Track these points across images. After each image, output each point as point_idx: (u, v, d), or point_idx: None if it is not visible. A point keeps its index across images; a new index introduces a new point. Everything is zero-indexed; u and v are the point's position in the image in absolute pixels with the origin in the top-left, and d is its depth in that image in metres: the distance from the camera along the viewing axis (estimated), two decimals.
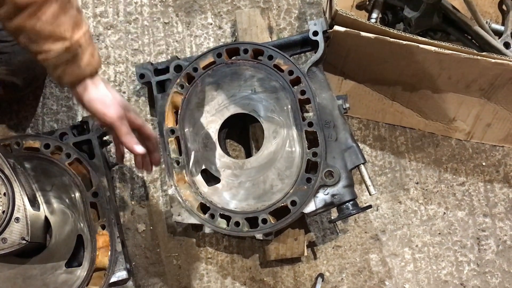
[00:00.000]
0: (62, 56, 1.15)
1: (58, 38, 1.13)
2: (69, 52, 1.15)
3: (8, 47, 1.50)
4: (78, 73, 1.19)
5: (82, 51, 1.17)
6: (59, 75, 1.19)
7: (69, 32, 1.13)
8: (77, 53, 1.16)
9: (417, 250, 1.66)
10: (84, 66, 1.18)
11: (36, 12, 1.09)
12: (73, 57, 1.16)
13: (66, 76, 1.19)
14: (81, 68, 1.18)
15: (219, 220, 1.46)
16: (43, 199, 1.47)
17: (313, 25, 1.51)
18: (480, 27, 1.60)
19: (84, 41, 1.17)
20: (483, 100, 1.64)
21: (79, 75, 1.19)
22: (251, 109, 1.52)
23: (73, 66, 1.17)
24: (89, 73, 1.20)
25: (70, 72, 1.18)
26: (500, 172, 1.73)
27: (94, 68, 1.21)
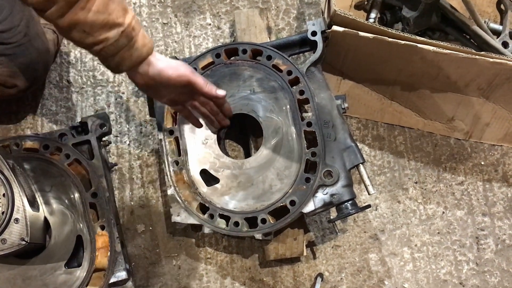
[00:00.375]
0: (119, 42, 1.17)
1: (112, 25, 1.14)
2: (125, 37, 1.17)
3: (9, 49, 1.51)
4: (137, 55, 1.21)
5: (136, 33, 1.19)
6: (117, 62, 1.21)
7: (121, 18, 1.15)
8: (132, 36, 1.18)
9: (416, 250, 1.66)
10: (140, 47, 1.21)
11: (86, 4, 1.10)
12: (129, 41, 1.18)
13: (125, 61, 1.21)
14: (139, 50, 1.21)
15: (218, 220, 1.46)
16: (42, 200, 1.47)
17: (311, 25, 1.51)
18: (479, 26, 1.60)
19: (135, 24, 1.19)
20: (482, 100, 1.64)
21: (138, 57, 1.22)
22: (250, 109, 1.52)
23: (131, 50, 1.20)
24: (146, 54, 1.23)
25: (128, 56, 1.20)
26: (499, 171, 1.73)
27: (149, 48, 1.24)
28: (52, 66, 1.78)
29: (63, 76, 1.79)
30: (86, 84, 1.78)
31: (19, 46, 1.52)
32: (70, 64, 1.80)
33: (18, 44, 1.51)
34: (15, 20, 1.49)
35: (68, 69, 1.80)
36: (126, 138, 1.74)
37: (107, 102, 1.76)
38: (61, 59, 1.80)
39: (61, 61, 1.80)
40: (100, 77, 1.78)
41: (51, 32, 1.69)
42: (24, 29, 1.51)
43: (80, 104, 1.76)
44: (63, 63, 1.80)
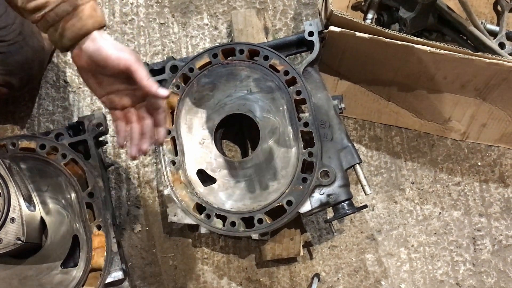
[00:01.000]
0: (60, 7, 1.08)
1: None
2: (68, 3, 1.08)
3: (4, 47, 1.51)
4: (80, 25, 1.11)
5: (83, 1, 1.10)
6: (60, 33, 1.11)
7: None
8: (77, 4, 1.09)
9: (413, 250, 1.66)
10: (85, 18, 1.10)
11: None
12: (73, 8, 1.09)
13: (67, 32, 1.11)
14: (83, 20, 1.10)
15: (215, 220, 1.46)
16: (38, 200, 1.46)
17: (308, 26, 1.51)
18: (475, 27, 1.61)
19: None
20: (478, 100, 1.64)
21: (81, 28, 1.11)
22: (247, 109, 1.52)
23: (74, 19, 1.10)
24: (91, 26, 1.11)
25: (70, 26, 1.10)
26: (496, 172, 1.73)
27: (97, 21, 1.12)
28: (49, 66, 1.77)
29: (60, 76, 1.79)
30: (83, 84, 1.78)
31: (13, 44, 1.51)
32: (67, 64, 1.80)
33: (12, 42, 1.51)
34: (10, 18, 1.49)
35: (65, 69, 1.79)
36: None
37: None
38: (58, 58, 1.80)
39: (58, 61, 1.80)
40: None
41: None
42: (18, 27, 1.51)
43: (77, 104, 1.76)
44: (60, 62, 1.80)
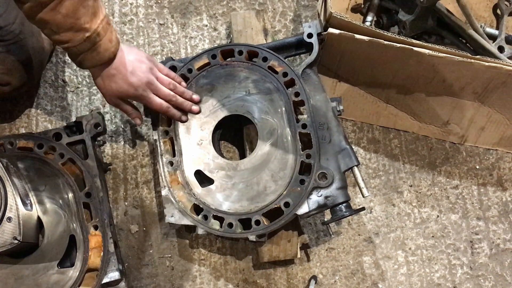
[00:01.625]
0: (83, 45, 1.28)
1: (79, 29, 1.24)
2: (89, 42, 1.27)
3: (3, 46, 1.51)
4: (98, 58, 1.32)
5: (100, 39, 1.29)
6: (80, 61, 1.33)
7: (88, 24, 1.25)
8: (96, 41, 1.28)
9: (410, 253, 1.66)
10: (103, 51, 1.31)
11: (56, 7, 1.19)
12: (92, 45, 1.28)
13: (86, 62, 1.33)
14: (100, 54, 1.31)
15: (212, 221, 1.46)
16: (36, 199, 1.46)
17: (307, 28, 1.51)
18: (474, 30, 1.61)
19: (102, 29, 1.28)
20: (477, 104, 1.64)
21: (99, 61, 1.33)
22: (245, 111, 1.52)
23: (93, 53, 1.30)
24: (107, 58, 1.33)
25: (90, 59, 1.32)
26: (494, 176, 1.73)
27: (111, 52, 1.33)
28: (48, 65, 1.77)
29: (59, 75, 1.79)
30: (81, 84, 1.78)
31: (13, 44, 1.51)
32: (65, 64, 1.80)
33: (12, 41, 1.51)
34: (10, 18, 1.49)
35: (64, 68, 1.79)
36: (121, 138, 1.73)
37: (102, 102, 1.76)
38: (56, 58, 1.80)
39: (56, 60, 1.80)
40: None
41: None
42: (19, 27, 1.51)
43: (75, 103, 1.76)
44: (59, 62, 1.80)
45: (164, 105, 1.46)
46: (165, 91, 1.45)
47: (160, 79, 1.45)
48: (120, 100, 1.46)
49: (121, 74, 1.37)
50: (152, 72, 1.43)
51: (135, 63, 1.39)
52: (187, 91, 1.50)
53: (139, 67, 1.40)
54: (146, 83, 1.41)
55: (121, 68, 1.37)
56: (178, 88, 1.48)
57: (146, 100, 1.44)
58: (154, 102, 1.44)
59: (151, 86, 1.42)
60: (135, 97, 1.43)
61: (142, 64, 1.40)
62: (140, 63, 1.40)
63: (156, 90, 1.44)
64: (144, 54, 1.43)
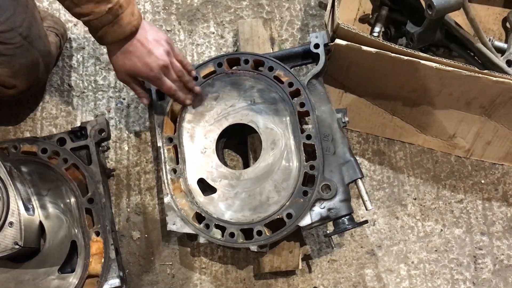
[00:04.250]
0: (105, 17, 1.24)
1: (100, 0, 1.22)
2: (111, 14, 1.24)
3: (10, 49, 1.50)
4: (120, 32, 1.29)
5: (123, 11, 1.25)
6: (101, 35, 1.29)
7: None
8: (118, 13, 1.25)
9: (413, 267, 1.65)
10: (125, 25, 1.28)
11: None
12: (114, 17, 1.25)
13: (108, 36, 1.29)
14: (122, 27, 1.28)
15: (214, 230, 1.45)
16: (38, 204, 1.46)
17: (314, 38, 1.51)
18: (483, 44, 1.60)
19: (124, 1, 1.25)
20: (484, 118, 1.63)
21: (121, 35, 1.29)
22: (250, 120, 1.51)
23: (115, 26, 1.27)
24: (129, 31, 1.30)
25: (112, 32, 1.28)
26: (499, 191, 1.72)
27: (134, 26, 1.30)
28: (54, 69, 1.77)
29: (65, 80, 1.79)
30: (87, 89, 1.78)
31: (20, 47, 1.51)
32: (72, 68, 1.80)
33: (19, 45, 1.51)
34: (17, 21, 1.49)
35: (70, 73, 1.79)
36: (125, 144, 1.73)
37: (108, 108, 1.76)
38: (63, 62, 1.80)
39: (63, 64, 1.80)
40: (102, 82, 1.78)
41: (53, 35, 1.69)
42: (25, 31, 1.51)
43: (80, 108, 1.76)
44: (65, 66, 1.80)
45: (173, 88, 1.45)
46: (174, 78, 1.45)
47: (173, 65, 1.43)
48: (131, 78, 1.44)
49: (138, 52, 1.35)
50: (169, 56, 1.41)
51: (154, 44, 1.37)
52: (191, 81, 1.50)
53: (157, 49, 1.37)
54: (161, 66, 1.38)
55: (139, 46, 1.34)
56: (185, 76, 1.48)
57: (157, 82, 1.42)
58: (164, 85, 1.43)
59: (164, 70, 1.41)
60: (147, 77, 1.41)
61: (160, 46, 1.38)
62: (159, 45, 1.38)
63: (168, 74, 1.43)
64: (164, 36, 1.41)
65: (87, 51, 1.81)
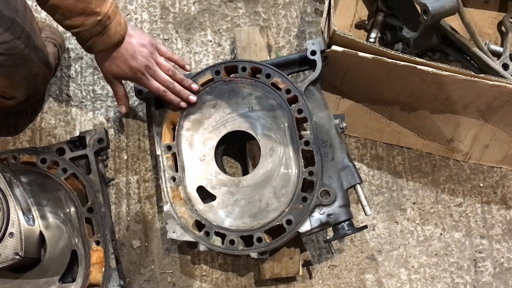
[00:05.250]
0: (94, 29, 1.32)
1: (90, 13, 1.29)
2: (100, 25, 1.32)
3: (9, 60, 1.51)
4: (108, 42, 1.37)
5: (111, 22, 1.34)
6: (90, 45, 1.38)
7: (99, 7, 1.29)
8: (106, 24, 1.33)
9: (413, 271, 1.65)
10: (112, 35, 1.36)
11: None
12: (103, 28, 1.33)
13: (97, 45, 1.38)
14: (110, 37, 1.36)
15: (214, 237, 1.45)
16: (38, 214, 1.46)
17: (311, 45, 1.52)
18: (479, 48, 1.61)
19: (112, 12, 1.33)
20: (481, 122, 1.64)
21: (109, 44, 1.38)
22: (248, 127, 1.52)
23: (104, 37, 1.35)
24: (117, 40, 1.38)
25: (100, 42, 1.36)
26: (498, 194, 1.72)
27: (121, 35, 1.39)
28: (52, 79, 1.78)
29: (63, 90, 1.80)
30: (85, 98, 1.78)
31: (19, 58, 1.52)
32: (70, 78, 1.80)
33: (18, 55, 1.52)
34: (16, 32, 1.49)
35: (68, 83, 1.80)
36: (124, 153, 1.73)
37: (106, 117, 1.76)
38: (61, 72, 1.81)
39: (61, 74, 1.81)
40: (100, 92, 1.79)
41: (51, 45, 1.70)
42: (25, 41, 1.51)
43: (79, 118, 1.77)
44: (63, 76, 1.81)
45: (160, 89, 1.49)
46: (163, 76, 1.49)
47: (159, 64, 1.49)
48: (116, 80, 1.52)
49: (123, 57, 1.43)
50: (153, 56, 1.47)
51: (137, 47, 1.44)
52: (187, 79, 1.53)
53: (140, 51, 1.44)
54: (144, 67, 1.45)
55: (123, 51, 1.42)
56: (177, 75, 1.51)
57: (143, 83, 1.48)
58: (151, 85, 1.48)
59: (149, 70, 1.47)
60: (133, 79, 1.49)
61: (144, 48, 1.45)
62: (142, 47, 1.45)
63: (154, 74, 1.48)
64: (147, 38, 1.47)
65: (85, 61, 1.82)
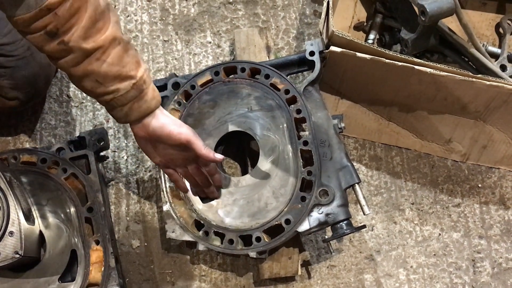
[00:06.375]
0: (130, 93, 1.20)
1: (125, 77, 1.18)
2: (136, 89, 1.20)
3: (12, 61, 1.53)
4: (146, 107, 1.24)
5: (147, 86, 1.23)
6: (126, 112, 1.24)
7: (134, 71, 1.19)
8: (142, 89, 1.21)
9: (412, 271, 1.65)
10: (150, 100, 1.24)
11: (102, 56, 1.14)
12: (139, 93, 1.21)
13: (134, 112, 1.24)
14: (148, 102, 1.24)
15: (213, 237, 1.46)
16: (38, 214, 1.47)
17: (309, 46, 1.52)
18: (476, 49, 1.62)
19: (147, 77, 1.23)
20: (479, 122, 1.64)
21: (147, 110, 1.25)
22: (247, 127, 1.53)
23: (140, 102, 1.23)
24: (154, 106, 1.26)
25: (137, 108, 1.23)
26: (496, 194, 1.73)
27: (158, 101, 1.27)
28: (53, 80, 1.79)
29: (63, 90, 1.81)
30: (86, 99, 1.79)
31: (21, 59, 1.54)
32: None
33: (20, 57, 1.53)
34: (18, 34, 1.51)
35: (69, 84, 1.81)
36: (124, 154, 1.74)
37: (106, 118, 1.77)
38: (61, 73, 1.82)
39: (61, 75, 1.82)
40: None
41: None
42: (27, 43, 1.53)
43: (79, 118, 1.78)
44: (64, 77, 1.82)
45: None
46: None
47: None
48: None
49: (171, 118, 1.31)
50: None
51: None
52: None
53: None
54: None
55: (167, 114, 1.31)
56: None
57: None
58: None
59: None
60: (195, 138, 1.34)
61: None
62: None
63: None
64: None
65: None
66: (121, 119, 1.27)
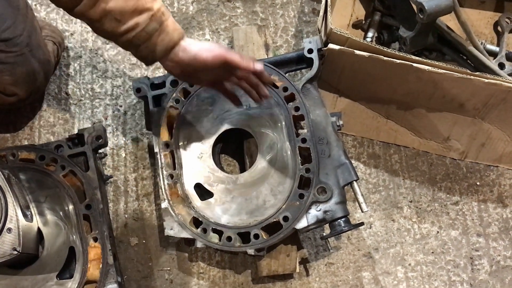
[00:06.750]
0: (150, 26, 1.20)
1: (142, 10, 1.19)
2: (155, 21, 1.21)
3: (11, 57, 1.53)
4: (169, 39, 1.24)
5: (166, 18, 1.23)
6: (150, 48, 1.24)
7: (150, 3, 1.20)
8: (162, 20, 1.22)
9: (410, 269, 1.65)
10: (171, 31, 1.24)
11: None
12: (160, 25, 1.22)
13: (158, 46, 1.24)
14: (170, 34, 1.24)
15: (211, 234, 1.46)
16: (36, 211, 1.47)
17: (308, 43, 1.53)
18: (475, 47, 1.62)
19: (165, 9, 1.23)
20: (477, 120, 1.64)
21: (170, 41, 1.24)
22: (245, 125, 1.53)
23: (162, 34, 1.23)
24: (177, 38, 1.26)
25: (160, 42, 1.23)
26: (494, 192, 1.73)
27: (180, 32, 1.27)
28: (52, 78, 1.79)
29: (62, 88, 1.81)
30: (84, 97, 1.80)
31: (20, 56, 1.54)
32: (69, 77, 1.82)
33: (20, 53, 1.53)
34: (18, 30, 1.51)
35: (67, 81, 1.81)
36: (122, 151, 1.74)
37: (105, 115, 1.77)
38: (60, 71, 1.82)
39: (60, 73, 1.82)
40: (99, 90, 1.80)
41: (51, 43, 1.71)
42: (26, 39, 1.53)
43: (77, 116, 1.78)
44: (62, 75, 1.82)
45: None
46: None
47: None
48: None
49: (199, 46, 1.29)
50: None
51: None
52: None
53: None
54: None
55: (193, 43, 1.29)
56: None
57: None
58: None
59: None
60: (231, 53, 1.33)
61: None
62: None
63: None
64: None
65: (84, 59, 1.83)
66: (148, 58, 1.27)
